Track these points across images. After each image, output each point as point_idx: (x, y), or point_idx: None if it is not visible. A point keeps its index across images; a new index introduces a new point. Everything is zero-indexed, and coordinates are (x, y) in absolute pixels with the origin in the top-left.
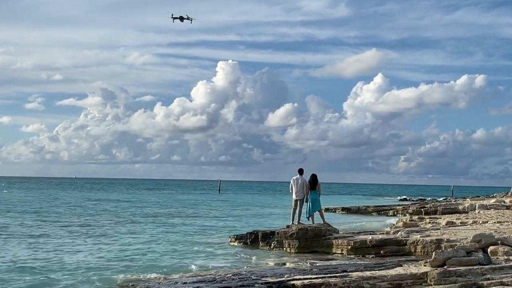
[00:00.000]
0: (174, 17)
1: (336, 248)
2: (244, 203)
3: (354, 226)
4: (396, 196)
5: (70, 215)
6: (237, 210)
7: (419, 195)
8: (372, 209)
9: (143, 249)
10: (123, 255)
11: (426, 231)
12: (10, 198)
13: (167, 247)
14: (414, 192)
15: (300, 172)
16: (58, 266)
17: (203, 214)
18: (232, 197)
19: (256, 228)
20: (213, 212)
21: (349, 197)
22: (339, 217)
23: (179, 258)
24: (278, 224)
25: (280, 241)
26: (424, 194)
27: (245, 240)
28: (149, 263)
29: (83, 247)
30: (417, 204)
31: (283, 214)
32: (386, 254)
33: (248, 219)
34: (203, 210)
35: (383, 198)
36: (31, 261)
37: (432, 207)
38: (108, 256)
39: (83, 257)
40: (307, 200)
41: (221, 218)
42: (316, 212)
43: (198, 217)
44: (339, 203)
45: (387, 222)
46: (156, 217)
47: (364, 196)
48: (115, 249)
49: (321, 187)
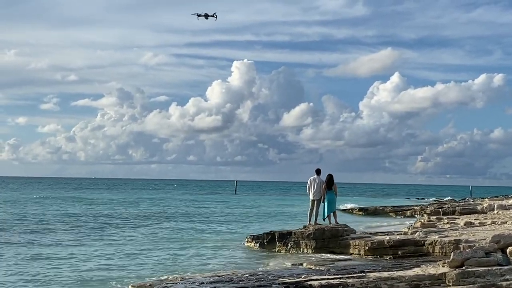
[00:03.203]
0: (199, 15)
1: (354, 249)
2: (261, 203)
3: (371, 226)
4: (413, 196)
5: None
6: (254, 210)
7: (436, 196)
8: (389, 209)
9: (158, 250)
10: (139, 256)
11: (444, 231)
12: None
13: (183, 247)
14: (431, 192)
15: (317, 172)
16: (72, 266)
17: (219, 214)
18: (249, 198)
19: (272, 228)
20: (230, 212)
21: (366, 198)
22: (356, 217)
23: (195, 259)
24: (295, 224)
25: (297, 242)
26: (442, 195)
27: (262, 240)
28: (166, 263)
29: (97, 248)
30: (435, 205)
31: (299, 214)
32: (404, 254)
33: (265, 219)
34: (219, 210)
35: (400, 198)
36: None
37: (450, 208)
38: (123, 257)
39: (98, 258)
40: (324, 201)
41: (237, 218)
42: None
43: (214, 217)
44: (356, 203)
45: (404, 223)
46: (172, 217)
47: (381, 196)
48: (129, 249)
49: (337, 187)
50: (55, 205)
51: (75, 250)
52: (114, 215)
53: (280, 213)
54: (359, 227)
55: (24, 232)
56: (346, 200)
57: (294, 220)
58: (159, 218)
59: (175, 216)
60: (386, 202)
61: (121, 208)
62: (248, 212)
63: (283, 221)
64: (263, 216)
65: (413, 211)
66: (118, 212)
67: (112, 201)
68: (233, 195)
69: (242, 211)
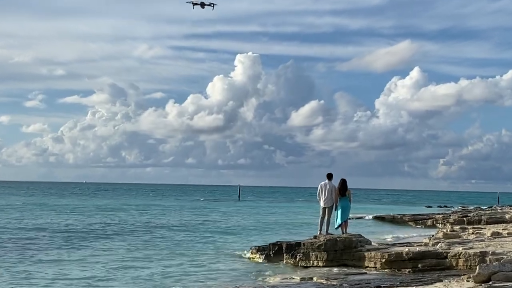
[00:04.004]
0: (194, 3)
1: (369, 261)
2: (266, 211)
3: (388, 236)
4: (435, 204)
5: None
6: (258, 219)
7: (460, 203)
8: (408, 218)
9: (151, 263)
10: (130, 271)
11: (469, 242)
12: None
13: (180, 260)
14: (455, 199)
15: (328, 177)
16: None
17: (221, 223)
18: (253, 204)
19: (279, 238)
20: (232, 221)
21: (383, 205)
22: (371, 227)
23: (193, 273)
24: (304, 234)
25: (307, 253)
26: (466, 202)
27: (268, 252)
28: (159, 279)
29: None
30: (459, 213)
31: (309, 223)
32: (425, 268)
33: (271, 228)
34: (221, 219)
35: (421, 206)
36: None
37: (476, 216)
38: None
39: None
40: (337, 208)
41: (240, 227)
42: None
43: (215, 226)
44: (371, 211)
45: (425, 233)
46: (167, 226)
47: (399, 204)
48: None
49: (351, 193)
50: (34, 213)
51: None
52: (100, 225)
53: (288, 222)
54: (375, 238)
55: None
56: (361, 207)
57: (303, 230)
58: (152, 227)
59: (170, 226)
60: (405, 210)
61: (112, 217)
62: (252, 220)
63: (291, 231)
64: (268, 225)
65: (435, 220)
66: (105, 222)
67: (100, 208)
68: (236, 202)
69: (245, 220)
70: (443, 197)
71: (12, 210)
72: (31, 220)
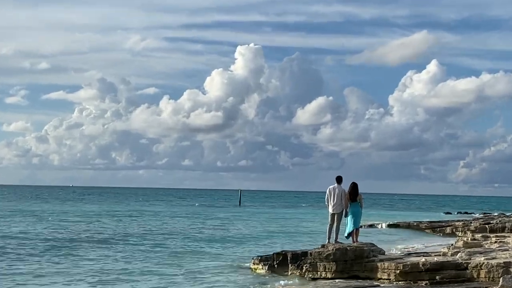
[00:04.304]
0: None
1: (382, 273)
2: (270, 218)
3: (403, 245)
4: (454, 210)
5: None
6: (261, 226)
7: (481, 209)
8: (425, 225)
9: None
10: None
11: (492, 252)
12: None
13: (175, 272)
14: (476, 205)
15: (338, 180)
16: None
17: (220, 231)
18: (255, 211)
19: (284, 247)
20: (232, 228)
21: (397, 211)
22: (385, 235)
23: (191, 285)
24: (311, 243)
25: (314, 264)
26: (488, 208)
27: (271, 262)
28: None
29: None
30: (481, 220)
31: (317, 231)
32: (443, 280)
33: (275, 236)
34: (221, 226)
35: (439, 212)
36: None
37: (499, 223)
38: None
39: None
40: (347, 214)
41: (242, 235)
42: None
43: (214, 234)
44: (385, 217)
45: (444, 242)
46: (161, 235)
47: (415, 210)
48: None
49: (363, 198)
50: (12, 220)
51: None
52: (85, 233)
53: (293, 229)
54: (389, 247)
55: None
56: (373, 214)
57: (310, 238)
58: (143, 236)
59: (163, 234)
60: (422, 216)
61: (98, 224)
62: (254, 227)
63: (297, 239)
64: (272, 233)
65: (454, 227)
66: (91, 230)
67: (87, 214)
68: (237, 208)
69: (247, 227)
70: (463, 203)
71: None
72: (8, 228)
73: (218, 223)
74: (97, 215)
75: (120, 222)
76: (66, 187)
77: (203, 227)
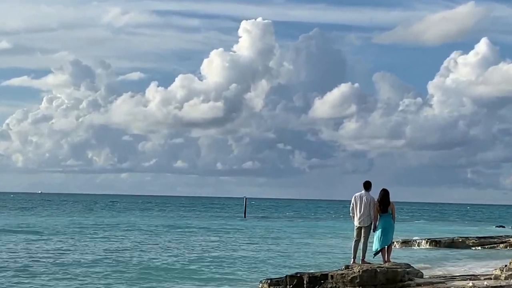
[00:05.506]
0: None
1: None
2: (282, 232)
3: (445, 266)
4: (508, 223)
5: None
6: (271, 242)
7: None
8: (472, 241)
9: None
10: None
11: None
12: None
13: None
14: None
15: (366, 186)
16: None
17: (223, 249)
18: (264, 224)
19: (299, 269)
20: (237, 245)
21: (438, 224)
22: (423, 253)
23: None
24: (332, 263)
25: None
26: None
27: (284, 286)
28: None
29: None
30: None
31: (339, 248)
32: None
33: (288, 255)
34: (223, 242)
35: (490, 225)
36: None
37: None
38: None
39: None
40: (376, 228)
41: (247, 254)
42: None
43: (214, 253)
44: (423, 232)
45: (496, 262)
46: (149, 251)
47: (461, 223)
48: None
49: (395, 208)
50: None
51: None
52: (55, 252)
53: (311, 246)
54: (428, 268)
55: None
56: (408, 228)
57: (330, 257)
58: (131, 253)
59: (152, 251)
60: (468, 231)
61: (70, 242)
62: (263, 244)
63: (315, 259)
64: (285, 251)
65: (509, 244)
66: (61, 248)
67: (56, 229)
68: (241, 220)
69: (254, 244)
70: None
71: None
72: None
73: (219, 238)
74: (72, 229)
75: (94, 238)
76: (32, 194)
77: (202, 243)
